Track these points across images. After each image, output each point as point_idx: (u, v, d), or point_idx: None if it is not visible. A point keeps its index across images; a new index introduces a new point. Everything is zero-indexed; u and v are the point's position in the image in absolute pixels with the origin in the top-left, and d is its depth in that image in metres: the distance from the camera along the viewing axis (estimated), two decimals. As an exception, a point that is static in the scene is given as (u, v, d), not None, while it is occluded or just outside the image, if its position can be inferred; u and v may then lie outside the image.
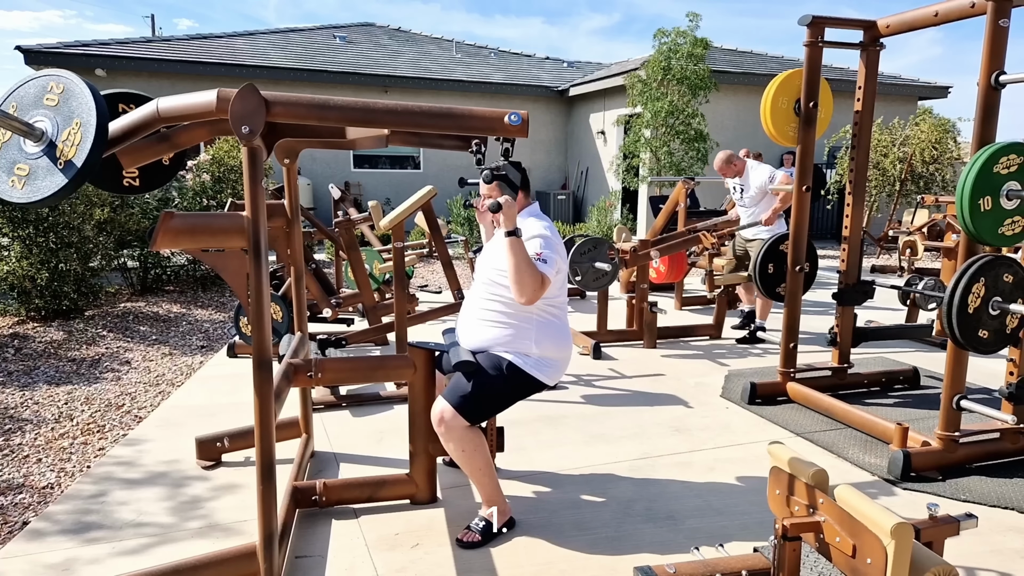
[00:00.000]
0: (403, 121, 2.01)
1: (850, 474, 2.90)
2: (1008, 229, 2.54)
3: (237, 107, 1.80)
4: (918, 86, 13.22)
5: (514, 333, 2.34)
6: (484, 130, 2.10)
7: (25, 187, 1.73)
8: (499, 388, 2.31)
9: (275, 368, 2.25)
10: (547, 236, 2.31)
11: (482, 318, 2.39)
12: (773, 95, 3.62)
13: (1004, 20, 2.48)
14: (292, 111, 1.90)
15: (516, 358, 2.33)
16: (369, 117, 1.97)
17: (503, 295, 2.33)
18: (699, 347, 5.05)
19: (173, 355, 4.83)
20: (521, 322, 2.34)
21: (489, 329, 2.37)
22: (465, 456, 2.31)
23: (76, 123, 1.73)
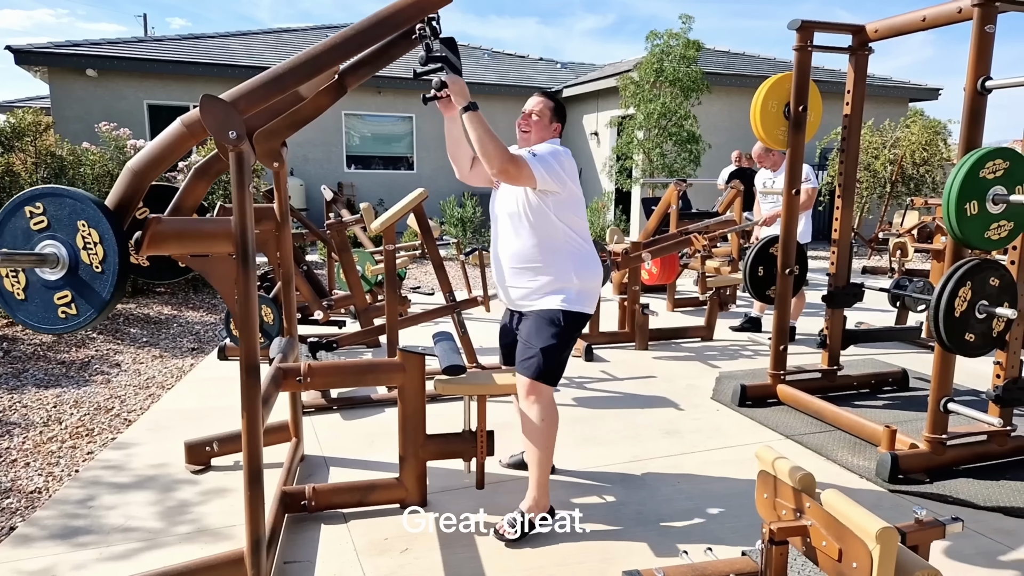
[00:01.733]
0: (345, 49, 2.03)
1: (839, 476, 2.92)
2: (994, 233, 2.56)
3: (211, 120, 1.80)
4: (909, 88, 13.30)
5: (555, 273, 2.38)
6: (411, 15, 2.11)
7: (79, 308, 1.73)
8: (562, 339, 2.38)
9: (264, 372, 2.24)
10: (548, 150, 2.35)
11: (517, 268, 2.42)
12: (763, 99, 3.63)
13: (990, 26, 2.50)
14: (255, 97, 1.90)
15: (564, 302, 2.38)
16: (317, 63, 1.99)
17: (527, 235, 2.37)
18: (690, 349, 5.06)
19: (164, 357, 4.81)
20: (557, 258, 2.38)
21: (530, 280, 2.41)
22: (544, 427, 2.38)
23: (82, 224, 1.73)
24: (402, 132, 13.49)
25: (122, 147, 6.92)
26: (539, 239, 2.37)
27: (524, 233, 2.39)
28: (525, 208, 2.37)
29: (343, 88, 2.42)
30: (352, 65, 2.41)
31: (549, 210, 2.35)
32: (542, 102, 2.49)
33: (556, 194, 2.34)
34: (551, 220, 2.36)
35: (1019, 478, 2.84)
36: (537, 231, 2.37)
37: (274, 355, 2.72)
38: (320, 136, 12.78)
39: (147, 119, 11.91)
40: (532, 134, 2.47)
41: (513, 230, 2.42)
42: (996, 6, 2.49)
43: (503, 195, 2.47)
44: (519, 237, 2.40)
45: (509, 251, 2.44)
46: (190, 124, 1.90)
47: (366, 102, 13.01)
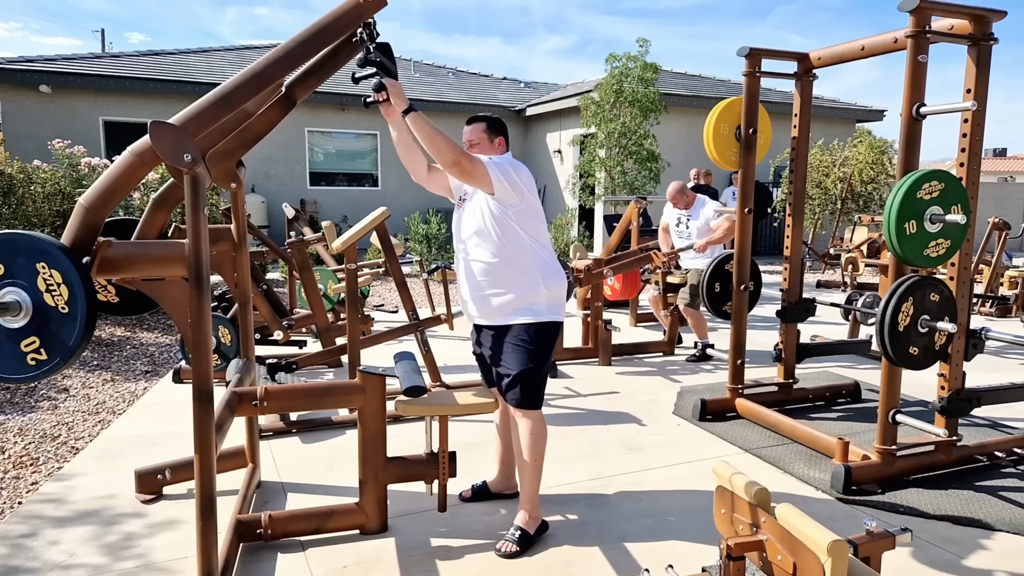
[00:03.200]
0: (289, 60, 2.05)
1: (796, 489, 2.98)
2: (933, 251, 2.68)
3: (164, 146, 1.78)
4: (856, 109, 13.83)
5: (525, 286, 2.42)
6: (349, 21, 2.15)
7: (50, 352, 1.68)
8: (538, 358, 2.44)
9: (219, 396, 2.20)
10: (501, 159, 2.43)
11: (487, 282, 2.44)
12: (715, 121, 3.74)
13: (923, 56, 2.63)
14: (204, 118, 1.89)
15: (534, 316, 2.43)
16: (263, 77, 2.00)
17: (495, 250, 2.40)
18: (652, 364, 5.13)
19: (115, 381, 4.67)
20: (525, 271, 2.42)
21: (499, 297, 2.44)
22: (533, 441, 2.46)
23: (41, 267, 1.70)
24: (366, 149, 13.44)
25: (76, 164, 6.74)
26: (507, 253, 2.41)
27: (491, 248, 2.42)
28: (491, 223, 2.41)
29: (291, 101, 2.42)
30: (299, 77, 2.41)
31: (513, 222, 2.40)
32: (472, 128, 2.53)
33: (516, 205, 2.40)
34: (517, 233, 2.41)
35: (964, 487, 2.94)
36: (504, 245, 2.41)
37: (230, 378, 2.67)
38: (283, 153, 12.65)
39: (103, 136, 11.63)
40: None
41: (481, 246, 2.44)
42: (927, 37, 2.63)
43: (468, 213, 2.50)
44: (487, 253, 2.43)
45: (478, 267, 2.46)
46: (141, 152, 1.87)
47: (330, 119, 12.94)
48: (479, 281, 2.45)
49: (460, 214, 2.54)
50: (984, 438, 3.36)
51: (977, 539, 2.53)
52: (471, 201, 2.48)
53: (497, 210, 2.39)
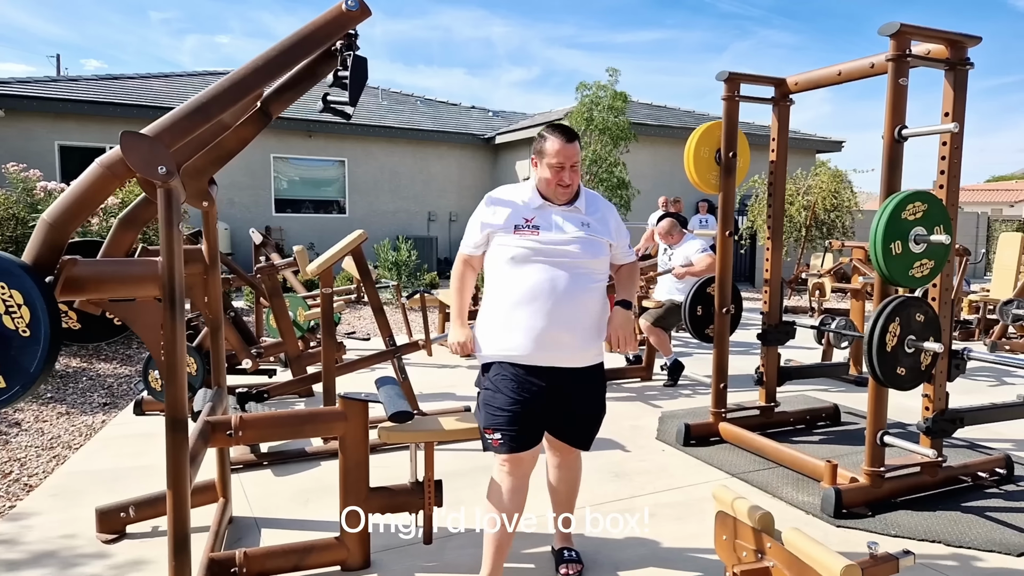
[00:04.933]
0: (269, 70, 1.96)
1: (786, 513, 2.93)
2: (918, 271, 2.70)
3: (136, 158, 1.67)
4: (816, 140, 14.29)
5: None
6: (332, 31, 2.08)
7: (9, 380, 1.55)
8: None
9: (190, 427, 2.05)
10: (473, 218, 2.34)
11: (597, 322, 2.24)
12: (695, 145, 3.77)
13: (903, 79, 2.69)
14: (179, 129, 1.79)
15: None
16: (242, 87, 1.90)
17: (602, 283, 2.27)
18: (631, 389, 5.08)
19: (71, 414, 4.41)
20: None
21: (599, 335, 2.27)
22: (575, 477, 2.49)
23: (0, 287, 1.57)
24: (333, 176, 13.30)
25: (31, 189, 6.47)
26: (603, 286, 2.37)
27: (602, 281, 2.34)
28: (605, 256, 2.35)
29: (267, 116, 2.33)
30: (275, 91, 2.33)
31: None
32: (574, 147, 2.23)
33: None
34: None
35: (952, 508, 2.93)
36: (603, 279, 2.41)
37: (199, 407, 2.51)
38: (247, 179, 12.43)
39: (58, 161, 11.26)
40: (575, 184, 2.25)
41: (598, 279, 2.26)
42: (907, 61, 2.69)
43: (589, 242, 2.24)
44: (600, 285, 2.29)
45: (593, 302, 2.22)
46: (111, 165, 1.76)
47: (296, 146, 12.79)
48: (595, 317, 2.22)
49: (579, 240, 2.18)
50: (965, 459, 3.38)
51: (971, 561, 2.51)
52: (592, 229, 2.22)
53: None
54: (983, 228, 17.17)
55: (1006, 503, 3.01)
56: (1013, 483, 3.21)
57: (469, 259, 2.32)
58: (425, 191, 13.71)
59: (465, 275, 2.34)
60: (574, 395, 2.22)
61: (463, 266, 2.34)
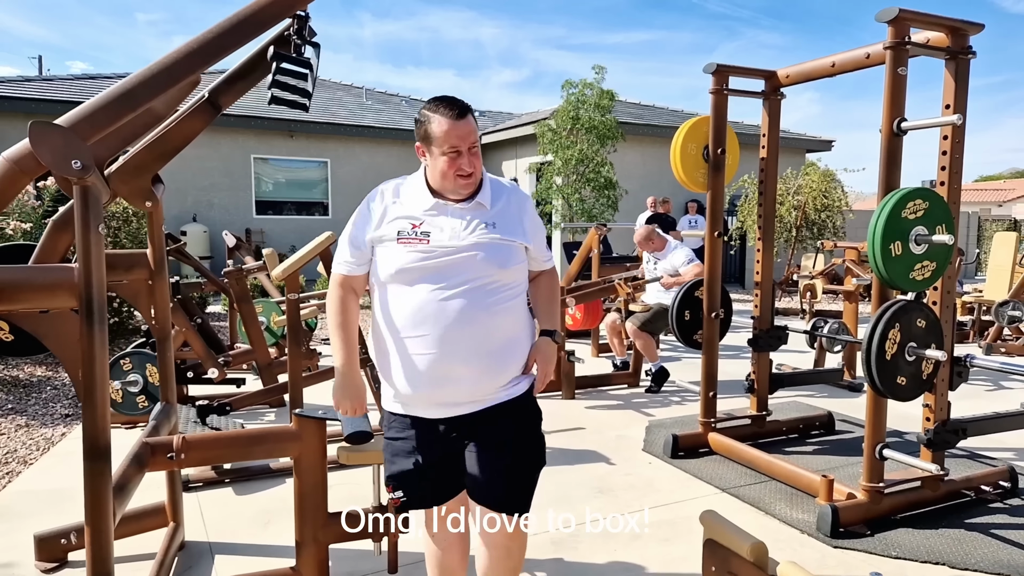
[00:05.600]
0: (205, 54, 1.74)
1: (780, 532, 2.75)
2: (919, 274, 2.53)
3: (47, 151, 1.47)
4: (805, 140, 14.18)
5: (527, 340, 1.81)
6: (276, 12, 1.86)
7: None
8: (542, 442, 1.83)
9: (135, 447, 1.85)
10: None
11: (506, 341, 1.72)
12: (682, 142, 3.59)
13: (902, 68, 2.52)
14: (100, 119, 1.59)
15: (530, 378, 1.82)
16: (173, 72, 1.69)
17: (515, 297, 1.76)
18: (618, 396, 4.89)
19: (30, 426, 4.17)
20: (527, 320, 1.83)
21: (512, 361, 1.74)
22: (522, 558, 1.84)
23: None
24: (317, 177, 13.05)
25: None
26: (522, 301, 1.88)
27: (515, 295, 1.84)
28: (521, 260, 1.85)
29: (216, 108, 2.12)
30: (224, 81, 2.12)
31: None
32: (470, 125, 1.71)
33: None
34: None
35: (955, 525, 2.76)
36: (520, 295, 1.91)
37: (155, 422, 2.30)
38: (227, 180, 12.16)
39: (31, 161, 10.94)
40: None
41: (505, 291, 1.76)
42: (907, 49, 2.52)
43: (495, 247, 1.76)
44: (513, 302, 1.80)
45: (499, 322, 1.73)
46: (18, 159, 1.56)
47: (277, 146, 12.54)
48: (507, 340, 1.72)
49: (482, 245, 1.68)
50: (967, 471, 3.22)
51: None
52: (499, 229, 1.72)
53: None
54: (973, 228, 17.16)
55: (1011, 519, 2.85)
56: (1018, 497, 3.05)
57: (346, 280, 1.76)
58: None
59: (346, 303, 1.77)
60: (489, 441, 1.71)
61: (339, 291, 1.76)
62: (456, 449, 1.74)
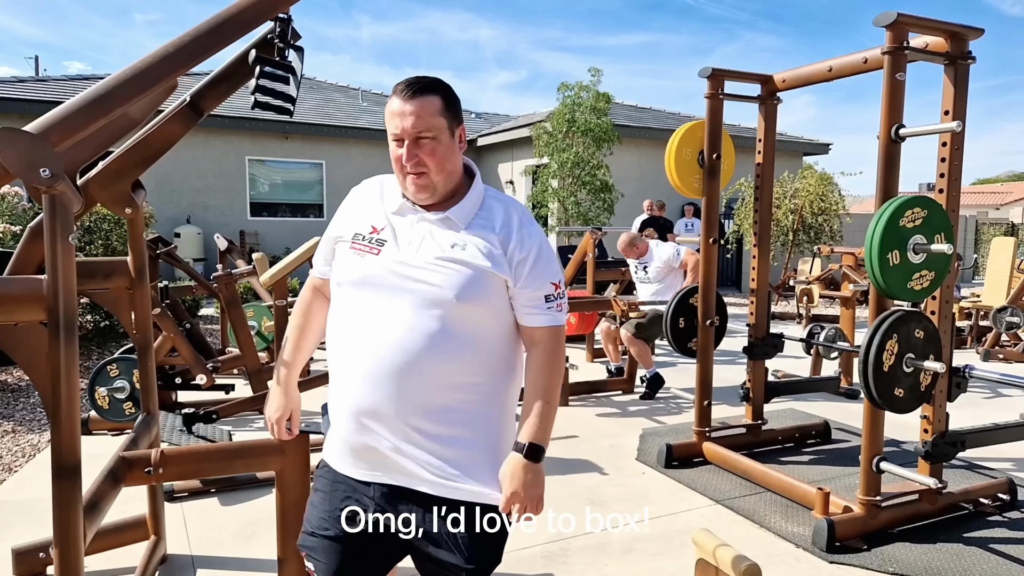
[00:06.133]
0: (183, 57, 1.65)
1: (775, 546, 2.70)
2: (917, 284, 2.48)
3: (14, 158, 1.41)
4: (803, 143, 14.16)
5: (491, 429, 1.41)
6: (258, 13, 1.74)
7: None
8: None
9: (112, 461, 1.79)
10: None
11: (462, 405, 1.35)
12: (677, 147, 3.53)
13: (900, 74, 2.47)
14: (72, 124, 1.53)
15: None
16: (149, 76, 1.61)
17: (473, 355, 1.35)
18: (612, 402, 4.84)
19: (16, 432, 4.10)
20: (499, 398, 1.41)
21: (481, 441, 1.38)
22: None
23: None
24: (312, 179, 12.98)
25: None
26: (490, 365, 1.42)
27: (474, 352, 1.39)
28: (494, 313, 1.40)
29: (198, 112, 2.07)
30: (207, 84, 2.07)
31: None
32: (423, 106, 1.31)
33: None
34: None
35: (953, 540, 2.71)
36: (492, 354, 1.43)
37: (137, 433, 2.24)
38: (221, 182, 12.09)
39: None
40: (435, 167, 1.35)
41: (458, 343, 1.36)
42: (905, 54, 2.47)
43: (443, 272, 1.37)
44: (470, 358, 1.38)
45: (450, 381, 1.35)
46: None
47: (272, 148, 12.47)
48: (464, 404, 1.35)
49: (440, 267, 1.32)
50: (965, 482, 3.17)
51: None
52: (467, 252, 1.33)
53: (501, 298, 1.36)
54: (971, 232, 17.14)
55: (1010, 533, 2.80)
56: (1017, 510, 3.00)
57: (315, 282, 1.53)
58: None
59: (310, 306, 1.53)
60: (426, 534, 1.35)
61: (307, 293, 1.55)
62: (388, 531, 1.36)
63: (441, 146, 1.32)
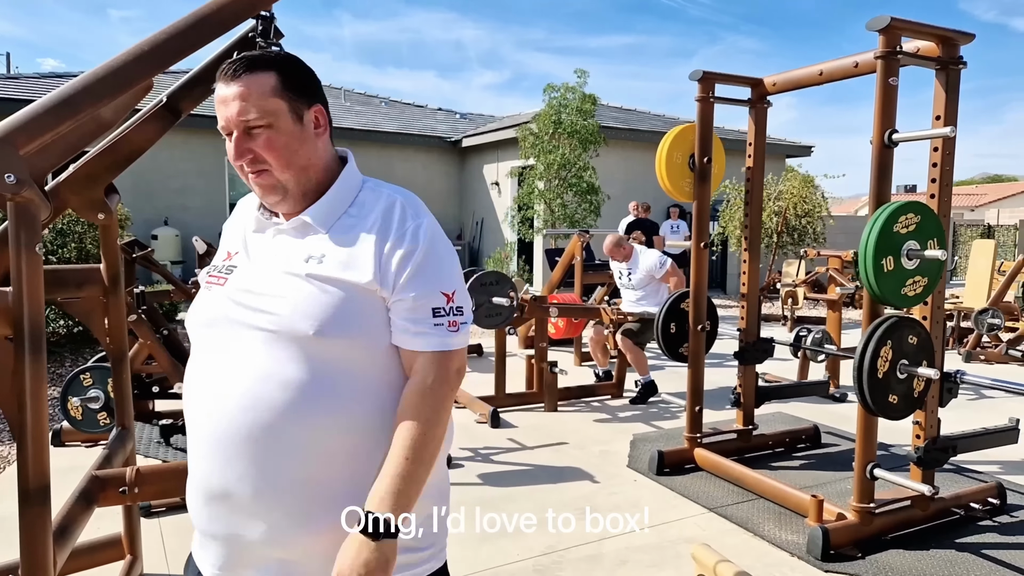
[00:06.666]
0: (158, 58, 1.53)
1: (769, 555, 2.66)
2: (910, 290, 2.46)
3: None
4: (786, 145, 14.26)
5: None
6: (240, 10, 1.62)
7: None
8: None
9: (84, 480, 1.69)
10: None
11: (314, 462, 1.02)
12: (667, 150, 3.50)
13: (893, 79, 2.45)
14: (38, 127, 1.44)
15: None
16: (121, 77, 1.51)
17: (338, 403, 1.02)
18: (602, 408, 4.79)
19: (-14, 444, 3.96)
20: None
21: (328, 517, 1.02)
22: None
23: None
24: (294, 180, 12.80)
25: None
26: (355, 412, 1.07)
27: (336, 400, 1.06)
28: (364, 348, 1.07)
29: (175, 114, 1.98)
30: (185, 85, 1.98)
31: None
32: (251, 84, 1.04)
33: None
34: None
35: (945, 546, 2.70)
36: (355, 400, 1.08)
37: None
38: (201, 183, 11.89)
39: None
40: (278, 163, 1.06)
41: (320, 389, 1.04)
42: (898, 59, 2.45)
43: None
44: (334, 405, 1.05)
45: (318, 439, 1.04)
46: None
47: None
48: (299, 466, 1.01)
49: (290, 291, 1.02)
50: (955, 487, 3.16)
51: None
52: (326, 267, 1.03)
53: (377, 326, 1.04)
54: (949, 233, 17.38)
55: (1001, 538, 2.79)
56: (1006, 514, 3.00)
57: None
58: None
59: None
60: None
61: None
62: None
63: (281, 135, 1.03)
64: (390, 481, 0.97)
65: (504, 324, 4.58)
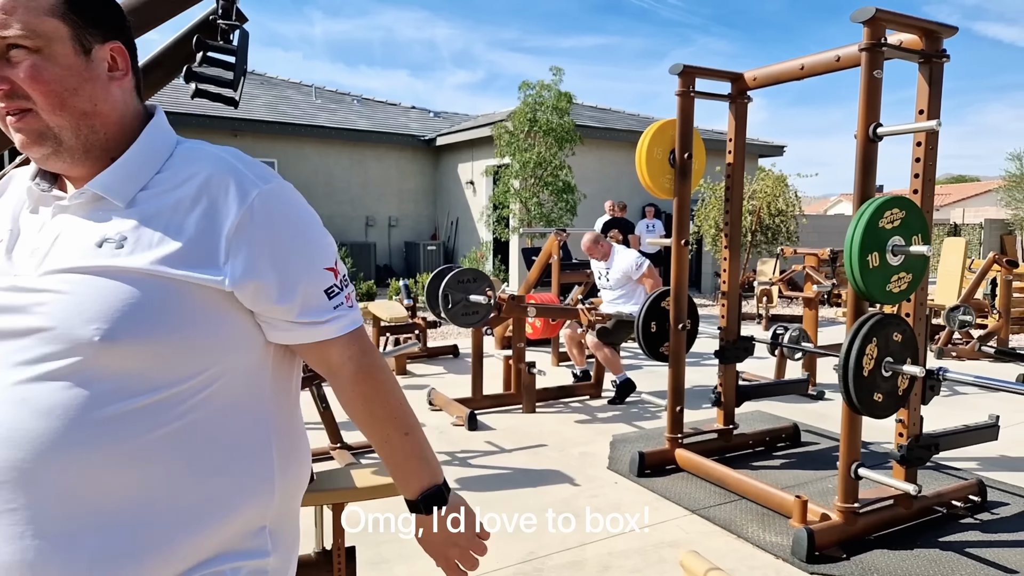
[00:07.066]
0: None
1: (753, 558, 2.61)
2: (895, 286, 2.42)
3: None
4: (758, 145, 14.38)
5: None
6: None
7: None
8: None
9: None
10: None
11: (115, 508, 0.77)
12: (648, 146, 3.44)
13: (878, 71, 2.41)
14: None
15: None
16: None
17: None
18: (581, 408, 4.72)
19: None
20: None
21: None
22: None
23: None
24: (265, 179, 12.54)
25: None
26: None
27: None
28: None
29: None
30: (141, 68, 1.85)
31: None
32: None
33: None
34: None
35: (929, 545, 2.67)
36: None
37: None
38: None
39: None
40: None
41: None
42: (883, 51, 2.42)
43: None
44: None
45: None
46: None
47: (220, 145, 12.00)
48: (97, 513, 0.76)
49: (69, 285, 0.77)
50: (936, 484, 3.15)
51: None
52: (134, 248, 0.79)
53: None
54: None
55: (983, 535, 2.78)
56: (987, 511, 2.99)
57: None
58: (362, 195, 13.10)
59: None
60: None
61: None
62: None
63: (53, 65, 0.78)
64: (410, 462, 0.99)
65: (482, 323, 4.49)
